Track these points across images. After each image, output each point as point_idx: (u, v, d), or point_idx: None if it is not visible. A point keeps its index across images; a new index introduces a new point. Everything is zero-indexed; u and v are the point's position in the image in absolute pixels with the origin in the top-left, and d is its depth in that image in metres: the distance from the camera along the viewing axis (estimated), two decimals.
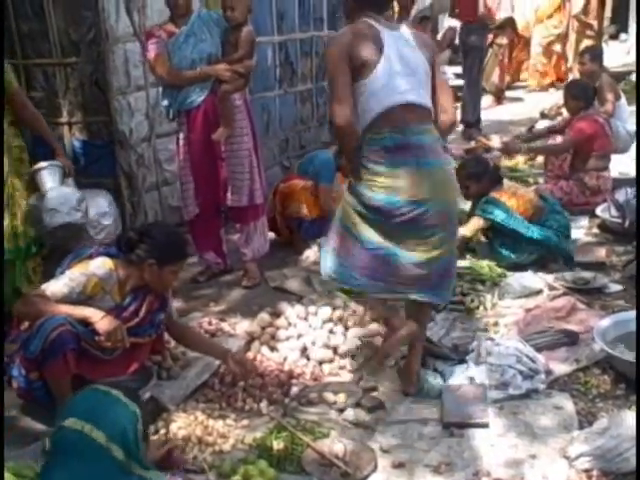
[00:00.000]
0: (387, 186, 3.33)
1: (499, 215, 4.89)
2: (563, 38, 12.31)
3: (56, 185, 4.25)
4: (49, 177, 4.25)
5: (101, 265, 3.40)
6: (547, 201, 5.18)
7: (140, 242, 3.44)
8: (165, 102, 4.81)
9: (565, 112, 8.21)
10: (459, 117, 9.74)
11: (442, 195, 3.41)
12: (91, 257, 3.46)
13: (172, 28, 4.70)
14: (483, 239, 5.09)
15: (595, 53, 8.11)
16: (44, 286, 3.33)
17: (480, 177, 5.05)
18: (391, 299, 3.72)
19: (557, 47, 12.20)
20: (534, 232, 4.89)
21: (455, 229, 3.60)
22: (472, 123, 9.43)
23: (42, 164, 4.25)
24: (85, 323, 3.27)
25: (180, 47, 4.65)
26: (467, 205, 5.28)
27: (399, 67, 3.35)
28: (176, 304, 4.60)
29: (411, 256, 3.40)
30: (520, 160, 7.68)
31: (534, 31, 12.29)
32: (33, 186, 4.24)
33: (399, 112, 3.33)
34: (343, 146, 3.56)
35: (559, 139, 6.75)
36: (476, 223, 4.97)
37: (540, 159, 7.33)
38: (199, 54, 4.66)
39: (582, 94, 6.36)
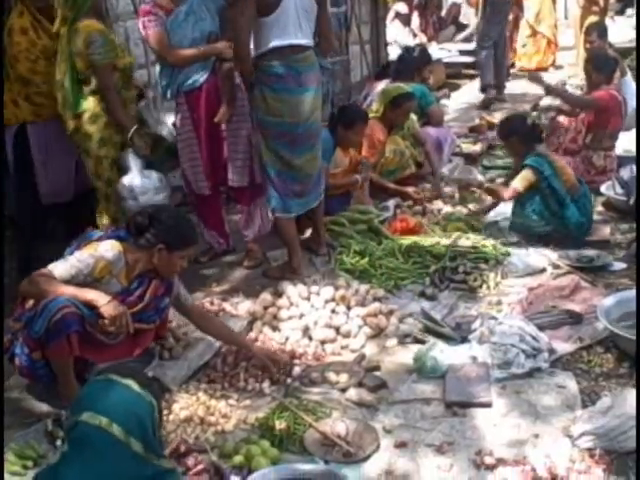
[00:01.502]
0: (274, 109, 4.29)
1: (547, 170, 4.91)
2: (551, 14, 12.09)
3: (140, 168, 4.51)
4: (136, 160, 4.50)
5: (110, 248, 3.37)
6: (582, 184, 5.18)
7: (150, 226, 3.41)
8: (164, 82, 4.74)
9: (570, 89, 8.17)
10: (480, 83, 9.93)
11: (312, 117, 4.41)
12: (100, 240, 3.44)
13: (170, 6, 4.61)
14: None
15: (601, 29, 8.05)
16: (51, 266, 3.30)
17: (520, 131, 5.12)
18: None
19: (544, 27, 11.98)
20: (569, 205, 4.90)
21: (319, 144, 4.61)
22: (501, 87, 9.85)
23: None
24: (90, 306, 3.25)
25: (180, 25, 4.59)
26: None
27: (293, 9, 4.18)
28: None
29: (300, 172, 4.47)
30: None
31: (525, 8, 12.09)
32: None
33: (287, 48, 4.22)
34: (242, 69, 4.34)
35: (564, 120, 6.67)
36: (527, 176, 4.96)
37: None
38: (200, 33, 4.60)
39: (605, 66, 6.30)
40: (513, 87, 10.83)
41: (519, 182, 5.00)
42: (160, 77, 4.79)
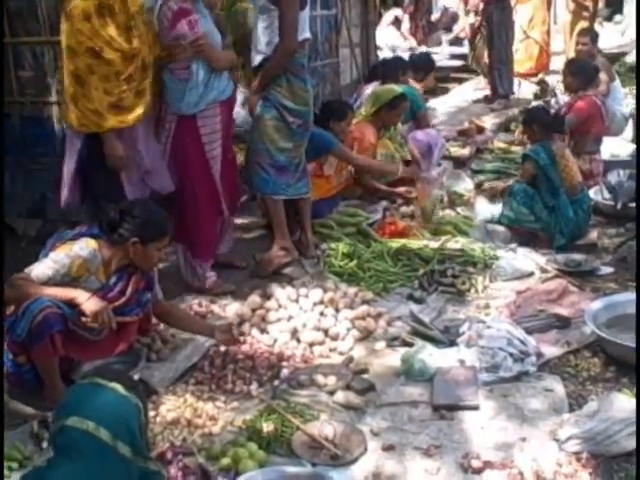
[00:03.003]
0: (300, 98, 4.56)
1: (543, 159, 5.05)
2: (544, 21, 12.06)
3: None
4: None
5: (85, 246, 3.38)
6: (583, 191, 5.26)
7: (122, 221, 3.42)
8: (200, 89, 4.21)
9: (559, 95, 8.18)
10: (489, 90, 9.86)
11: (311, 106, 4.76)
12: (74, 238, 3.43)
13: (191, 6, 4.15)
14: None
15: (593, 35, 8.11)
16: (28, 269, 3.31)
17: (542, 120, 5.29)
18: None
19: (536, 33, 11.96)
20: (562, 197, 5.00)
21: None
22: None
23: None
24: (71, 305, 3.25)
25: (211, 27, 4.30)
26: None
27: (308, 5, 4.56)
28: (167, 286, 4.57)
29: (296, 159, 4.71)
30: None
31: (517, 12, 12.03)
32: None
33: (304, 41, 4.57)
34: (278, 66, 4.49)
35: None
36: (528, 168, 5.21)
37: None
38: (222, 36, 4.45)
39: (582, 72, 6.36)
40: None
41: (521, 175, 5.35)
42: (195, 85, 4.21)
